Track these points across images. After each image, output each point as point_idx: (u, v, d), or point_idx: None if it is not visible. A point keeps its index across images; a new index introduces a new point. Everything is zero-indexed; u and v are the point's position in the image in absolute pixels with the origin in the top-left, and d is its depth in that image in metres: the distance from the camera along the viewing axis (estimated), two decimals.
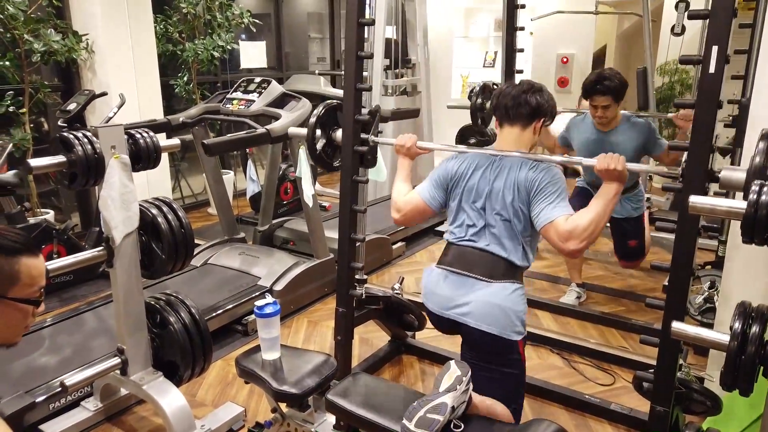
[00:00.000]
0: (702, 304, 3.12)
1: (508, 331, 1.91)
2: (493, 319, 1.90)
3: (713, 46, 1.65)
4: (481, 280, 1.95)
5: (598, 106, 3.10)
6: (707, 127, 1.70)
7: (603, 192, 1.86)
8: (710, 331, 1.52)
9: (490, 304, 1.91)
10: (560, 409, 2.61)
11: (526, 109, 2.01)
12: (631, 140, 3.15)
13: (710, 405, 2.01)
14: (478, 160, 2.06)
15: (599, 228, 1.82)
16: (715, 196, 1.60)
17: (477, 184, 2.01)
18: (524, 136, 2.04)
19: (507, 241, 1.96)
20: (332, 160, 2.61)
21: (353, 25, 2.35)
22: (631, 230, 3.43)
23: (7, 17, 3.70)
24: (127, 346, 2.30)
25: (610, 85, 3.02)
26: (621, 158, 1.83)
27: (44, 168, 2.05)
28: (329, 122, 2.52)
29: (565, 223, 1.82)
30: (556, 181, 1.91)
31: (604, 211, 1.82)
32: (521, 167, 1.96)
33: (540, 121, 2.04)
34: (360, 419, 1.87)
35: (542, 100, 2.02)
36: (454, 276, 2.00)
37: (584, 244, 1.81)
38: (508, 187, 1.95)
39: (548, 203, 1.88)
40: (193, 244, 2.35)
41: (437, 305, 2.03)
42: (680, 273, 1.77)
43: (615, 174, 1.82)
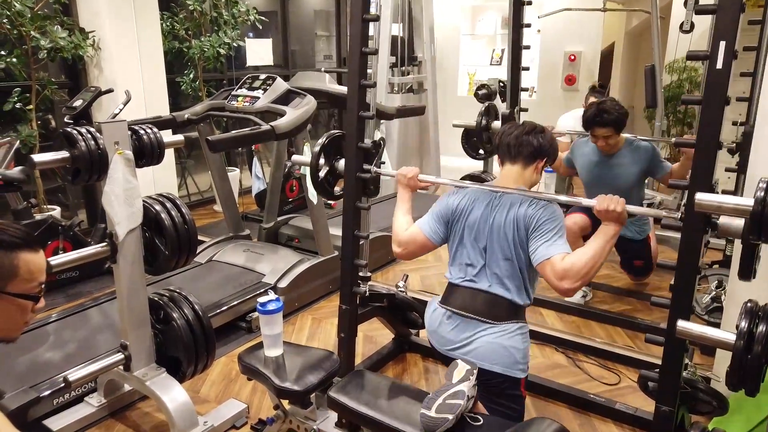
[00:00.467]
0: (709, 303, 3.09)
1: (512, 369, 1.93)
2: (497, 358, 1.92)
3: (720, 42, 1.63)
4: (484, 322, 1.97)
5: (599, 136, 3.17)
6: (715, 124, 1.67)
7: (601, 232, 1.85)
8: (716, 330, 1.50)
9: (494, 344, 1.93)
10: (564, 408, 2.59)
11: (527, 149, 2.04)
12: (634, 163, 3.21)
13: (716, 405, 1.99)
14: (479, 196, 2.07)
15: (595, 268, 1.82)
16: (722, 194, 1.58)
17: (478, 221, 2.02)
18: (525, 174, 2.06)
19: (508, 281, 1.97)
20: (333, 188, 2.61)
21: (358, 21, 2.34)
22: (636, 251, 3.47)
23: (14, 14, 3.72)
24: (130, 342, 2.31)
25: (609, 118, 3.09)
26: (621, 201, 1.82)
27: (47, 163, 2.05)
28: (333, 152, 2.53)
29: (562, 262, 1.82)
30: (554, 219, 1.92)
31: (602, 252, 1.82)
32: (521, 204, 1.97)
33: (542, 161, 2.08)
34: (362, 416, 1.86)
35: (544, 141, 2.06)
36: (456, 317, 2.02)
37: (579, 284, 1.81)
38: (509, 224, 1.96)
39: (545, 240, 1.88)
40: (196, 241, 2.35)
41: (441, 345, 2.06)
42: (686, 271, 1.74)
43: (614, 216, 1.82)
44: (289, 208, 5.09)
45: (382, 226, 4.44)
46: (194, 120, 3.56)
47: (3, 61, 3.82)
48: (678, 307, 1.75)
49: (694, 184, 1.69)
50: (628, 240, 3.40)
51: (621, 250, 3.56)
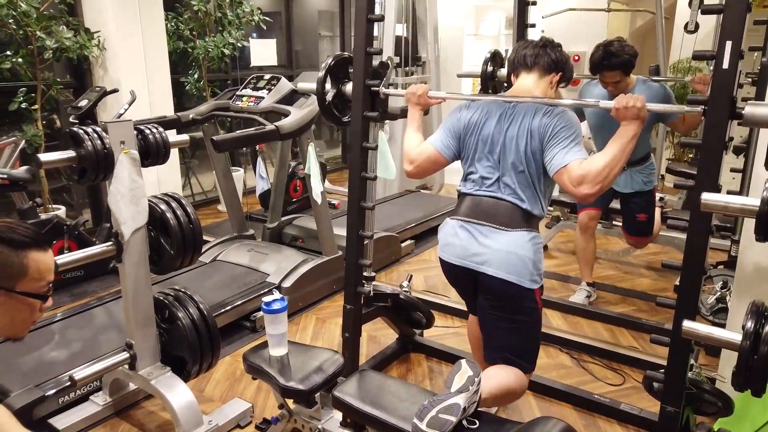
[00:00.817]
0: (714, 304, 3.09)
1: (526, 279, 1.91)
2: (512, 267, 1.89)
3: (727, 41, 1.63)
4: (497, 228, 1.93)
5: (607, 81, 3.04)
6: (720, 124, 1.67)
7: (620, 133, 1.79)
8: (722, 331, 1.50)
9: (508, 252, 1.90)
10: (569, 408, 2.59)
11: (545, 60, 2.01)
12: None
13: (721, 406, 1.99)
14: (491, 108, 2.03)
15: (614, 173, 1.77)
16: (727, 194, 1.58)
17: (491, 133, 1.98)
18: (541, 84, 2.02)
19: (522, 191, 1.94)
20: (341, 114, 2.54)
21: (362, 21, 2.34)
22: (642, 204, 3.36)
23: (19, 14, 3.73)
24: (135, 341, 2.31)
25: (617, 61, 2.95)
26: (640, 97, 1.77)
27: (54, 163, 2.06)
28: (340, 74, 2.47)
29: (579, 168, 1.79)
30: (570, 126, 1.87)
31: (621, 154, 1.76)
32: (535, 113, 1.92)
33: (557, 75, 2.03)
34: (367, 416, 1.86)
35: (561, 56, 2.04)
36: (470, 225, 1.98)
37: (597, 189, 1.77)
38: (522, 134, 1.92)
39: (561, 148, 1.84)
40: (202, 240, 2.36)
41: (454, 255, 2.02)
42: (692, 271, 1.74)
43: (633, 111, 1.76)
44: (293, 208, 5.09)
45: (386, 226, 4.45)
46: (199, 120, 3.57)
47: (9, 61, 3.83)
48: (684, 307, 1.74)
49: (700, 184, 1.68)
50: (635, 193, 3.32)
51: (626, 205, 3.45)
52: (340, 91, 2.49)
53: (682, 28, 4.81)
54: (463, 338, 3.17)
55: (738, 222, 3.37)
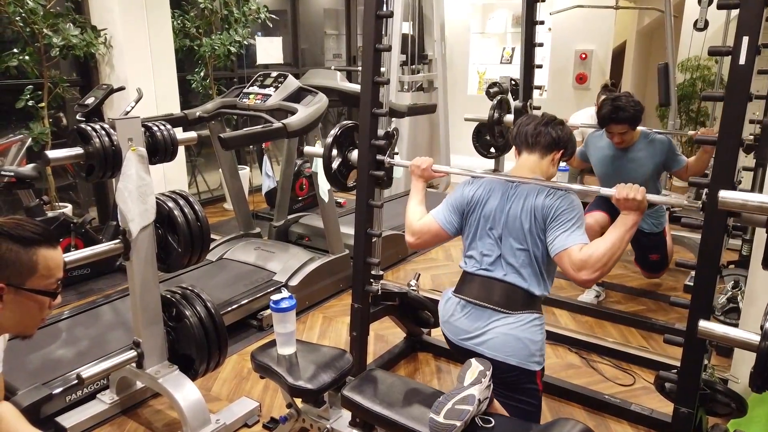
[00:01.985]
0: (725, 304, 3.06)
1: (526, 361, 1.89)
2: (511, 350, 1.89)
3: (743, 37, 1.60)
4: (498, 311, 1.93)
5: (614, 133, 3.11)
6: (737, 121, 1.65)
7: (620, 222, 1.82)
8: (739, 331, 1.48)
9: (508, 335, 1.89)
10: (579, 408, 2.56)
11: (546, 139, 2.01)
12: (650, 157, 3.15)
13: (735, 407, 1.96)
14: (494, 186, 2.04)
15: (614, 259, 1.78)
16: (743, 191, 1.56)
17: (494, 210, 1.99)
18: (542, 164, 2.03)
19: (524, 271, 1.93)
20: (346, 180, 2.59)
21: (371, 18, 2.32)
22: (653, 245, 3.40)
23: (26, 11, 3.72)
24: (143, 339, 2.30)
25: (625, 115, 3.04)
26: (641, 189, 1.79)
27: (62, 160, 2.05)
28: (345, 142, 2.51)
29: (580, 253, 1.79)
30: (573, 209, 1.88)
31: (621, 242, 1.78)
32: (538, 194, 1.93)
33: (559, 153, 2.04)
34: (376, 416, 1.84)
35: (562, 133, 2.03)
36: (470, 306, 1.98)
37: (597, 275, 1.78)
38: (525, 214, 1.92)
39: (564, 231, 1.85)
40: (209, 238, 2.34)
41: (453, 335, 2.02)
42: (707, 270, 1.72)
43: (634, 204, 1.78)
44: (299, 207, 5.08)
45: (393, 225, 4.43)
46: (206, 117, 3.55)
47: (16, 58, 3.82)
48: (699, 306, 1.72)
49: (716, 181, 1.66)
50: (645, 233, 3.33)
51: (637, 243, 3.48)
52: (345, 159, 2.50)
53: (691, 25, 4.79)
54: None
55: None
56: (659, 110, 5.97)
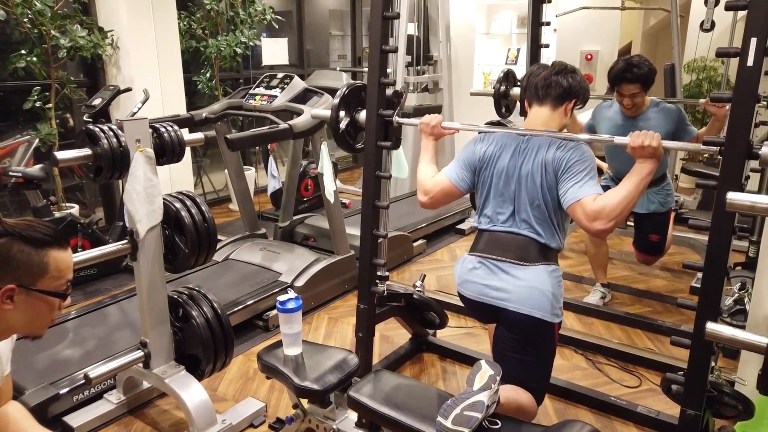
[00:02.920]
0: (732, 305, 3.04)
1: (549, 314, 1.89)
2: (535, 302, 1.88)
3: (752, 38, 1.60)
4: (517, 264, 1.92)
5: (625, 94, 3.00)
6: (745, 122, 1.64)
7: (636, 171, 1.79)
8: (747, 333, 1.47)
9: (530, 288, 1.88)
10: (585, 410, 2.56)
11: (557, 90, 1.97)
12: (660, 126, 3.03)
13: (742, 409, 1.95)
14: (505, 141, 2.01)
15: (628, 209, 1.76)
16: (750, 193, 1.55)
17: (506, 167, 1.96)
18: (554, 116, 1.99)
19: (539, 226, 1.92)
20: (355, 141, 2.56)
21: (378, 19, 2.33)
22: (656, 225, 3.33)
23: (34, 13, 3.75)
24: (150, 339, 2.31)
25: (639, 72, 2.92)
26: (656, 135, 1.76)
27: (70, 161, 2.06)
28: (354, 102, 2.48)
29: (593, 203, 1.77)
30: (584, 160, 1.86)
31: (636, 191, 1.75)
32: (549, 147, 1.90)
33: (571, 103, 2.00)
34: (382, 417, 1.85)
35: (574, 81, 1.99)
36: (489, 262, 1.96)
37: (611, 225, 1.75)
38: (537, 168, 1.90)
39: (576, 182, 1.82)
40: (216, 239, 2.35)
41: (474, 291, 2.00)
42: (714, 272, 1.71)
43: (649, 151, 1.75)
44: (304, 207, 5.09)
45: (398, 225, 4.43)
46: (212, 119, 3.56)
47: (23, 60, 3.85)
48: (706, 308, 1.72)
49: (724, 183, 1.66)
50: (650, 213, 3.28)
51: (640, 223, 3.42)
52: (353, 119, 2.49)
53: (698, 26, 4.78)
54: (476, 338, 3.15)
55: (756, 222, 3.33)
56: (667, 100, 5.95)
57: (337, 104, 2.42)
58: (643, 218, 3.34)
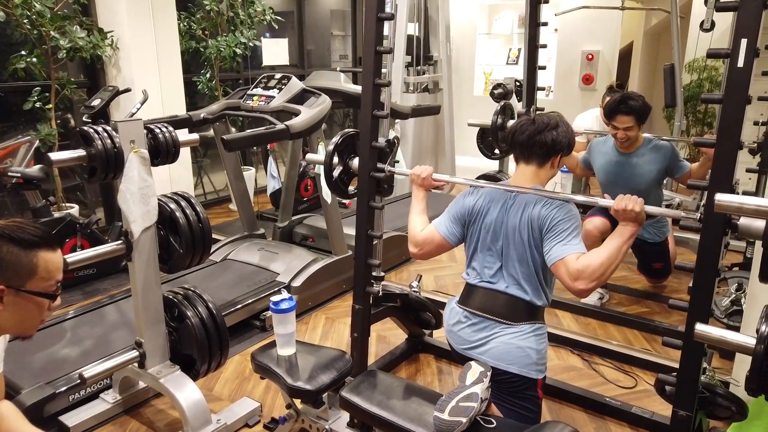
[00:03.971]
0: (729, 306, 3.03)
1: (529, 369, 1.90)
2: (513, 358, 1.90)
3: (742, 39, 1.60)
4: (501, 322, 1.94)
5: (620, 127, 3.09)
6: (735, 124, 1.64)
7: (618, 233, 1.80)
8: (735, 334, 1.47)
9: (509, 345, 1.91)
10: (580, 411, 2.56)
11: (541, 149, 1.98)
12: (653, 162, 3.15)
13: (735, 410, 1.95)
14: (494, 196, 2.03)
15: (611, 270, 1.78)
16: (742, 195, 1.55)
17: (494, 221, 1.99)
18: (541, 173, 2.01)
19: (525, 282, 1.94)
20: (347, 187, 2.59)
21: (372, 20, 2.33)
22: (656, 253, 3.41)
23: (34, 14, 3.76)
24: (145, 339, 2.32)
25: (634, 105, 3.03)
26: (639, 200, 1.78)
27: (64, 161, 2.07)
28: (346, 150, 2.51)
29: (576, 262, 1.78)
30: (569, 218, 1.88)
31: (618, 253, 1.77)
32: (536, 204, 1.93)
33: (557, 157, 2.02)
34: (374, 417, 1.85)
35: (558, 136, 1.98)
36: (473, 317, 2.00)
37: (593, 285, 1.77)
38: (523, 224, 1.92)
39: (560, 240, 1.84)
40: (211, 239, 2.36)
41: (457, 344, 2.04)
42: (705, 273, 1.71)
43: (632, 216, 1.77)
44: (304, 208, 5.09)
45: (396, 226, 4.43)
46: (210, 119, 3.58)
47: (24, 60, 3.87)
48: (696, 309, 1.71)
49: (714, 184, 1.66)
50: (647, 242, 3.36)
51: (639, 252, 3.52)
52: (346, 166, 2.51)
53: (698, 26, 4.76)
54: None
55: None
56: (666, 111, 5.94)
57: (331, 152, 2.43)
58: (642, 245, 3.40)
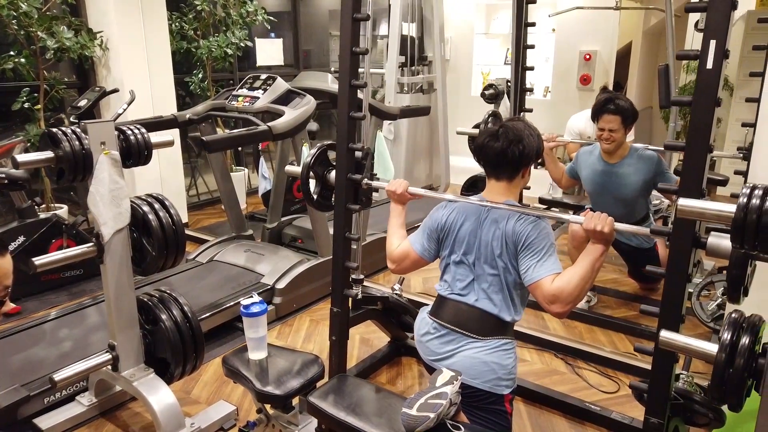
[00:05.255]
0: (715, 310, 2.99)
1: (492, 384, 1.87)
2: (478, 373, 1.87)
3: (711, 40, 1.56)
4: (468, 336, 1.91)
5: (605, 128, 3.07)
6: (705, 126, 1.61)
7: (589, 252, 1.78)
8: (700, 342, 1.44)
9: (474, 359, 1.88)
10: (559, 416, 2.53)
11: (511, 165, 1.94)
12: (639, 173, 3.12)
13: (712, 417, 1.91)
14: (468, 210, 2.00)
15: (585, 290, 1.77)
16: (709, 200, 1.52)
17: (467, 236, 1.96)
18: (512, 187, 1.98)
19: (496, 296, 1.91)
20: (330, 202, 2.56)
21: (348, 21, 2.31)
22: (646, 258, 3.34)
23: (20, 14, 3.76)
24: (118, 342, 2.31)
25: (621, 104, 3.01)
26: (609, 220, 1.75)
27: (31, 163, 2.06)
28: (322, 165, 2.48)
29: (551, 286, 1.76)
30: (543, 237, 1.85)
31: (591, 273, 1.75)
32: (509, 219, 1.90)
33: (527, 169, 1.99)
34: (339, 423, 1.83)
35: (525, 149, 1.92)
36: (442, 329, 1.97)
37: (569, 307, 1.76)
38: (497, 239, 1.89)
39: (535, 260, 1.81)
40: (185, 241, 2.34)
41: (425, 355, 2.02)
42: (675, 280, 1.68)
43: (601, 236, 1.74)
44: (297, 209, 5.07)
45: (385, 228, 4.40)
46: (195, 120, 3.56)
47: (11, 61, 3.87)
48: (665, 316, 1.68)
49: (683, 189, 1.62)
50: (636, 249, 3.32)
51: (630, 259, 3.49)
52: (325, 181, 2.48)
53: (693, 26, 4.72)
54: None
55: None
56: (663, 112, 5.89)
57: (305, 172, 2.39)
58: (630, 252, 3.36)
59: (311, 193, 2.47)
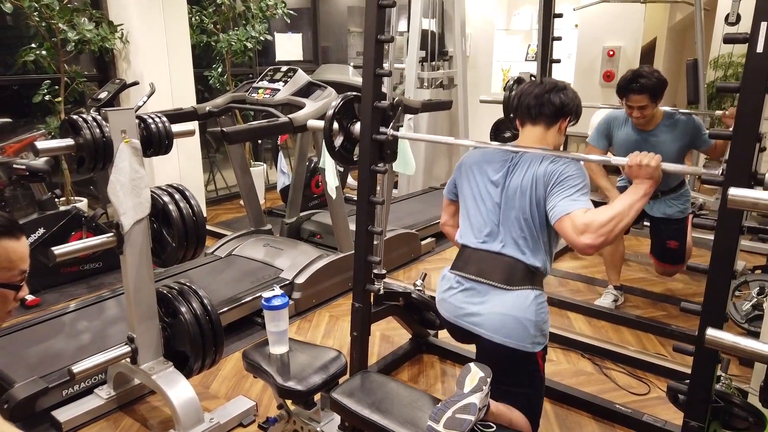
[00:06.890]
0: (750, 311, 2.89)
1: (526, 342, 1.77)
2: (509, 331, 1.77)
3: (762, 22, 1.47)
4: (496, 287, 1.81)
5: (633, 106, 2.93)
6: (754, 113, 1.52)
7: (631, 190, 1.69)
8: (749, 341, 1.36)
9: (505, 315, 1.77)
10: (587, 418, 2.44)
11: (549, 109, 1.87)
12: (675, 139, 2.97)
13: (752, 421, 1.82)
14: (495, 155, 1.93)
15: (619, 227, 1.65)
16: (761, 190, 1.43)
17: (493, 181, 1.88)
18: (548, 135, 1.90)
19: (524, 243, 1.81)
20: (351, 155, 2.50)
21: (373, 7, 2.25)
22: (674, 231, 3.19)
23: (42, 7, 3.75)
24: (137, 335, 2.27)
25: (647, 83, 2.85)
26: (656, 156, 1.66)
27: (52, 150, 2.03)
28: (347, 115, 2.41)
29: (583, 216, 1.66)
30: (579, 175, 1.76)
31: (629, 210, 1.65)
32: (542, 161, 1.81)
33: (565, 121, 1.91)
34: (364, 420, 1.77)
35: (567, 99, 1.88)
36: (467, 282, 1.87)
37: (600, 241, 1.64)
38: (527, 182, 1.81)
39: (567, 196, 1.72)
40: (205, 233, 2.29)
41: (449, 313, 1.92)
42: (719, 275, 1.59)
43: (647, 171, 1.65)
44: (315, 204, 5.02)
45: (406, 224, 4.35)
46: (215, 112, 3.52)
47: (33, 53, 3.86)
48: (709, 313, 1.60)
49: (730, 178, 1.54)
50: (668, 219, 3.16)
51: (657, 230, 3.28)
52: (348, 132, 2.41)
53: (723, 20, 4.59)
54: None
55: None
56: (689, 108, 5.75)
57: (330, 117, 2.32)
58: (660, 222, 3.21)
59: (334, 145, 2.39)
